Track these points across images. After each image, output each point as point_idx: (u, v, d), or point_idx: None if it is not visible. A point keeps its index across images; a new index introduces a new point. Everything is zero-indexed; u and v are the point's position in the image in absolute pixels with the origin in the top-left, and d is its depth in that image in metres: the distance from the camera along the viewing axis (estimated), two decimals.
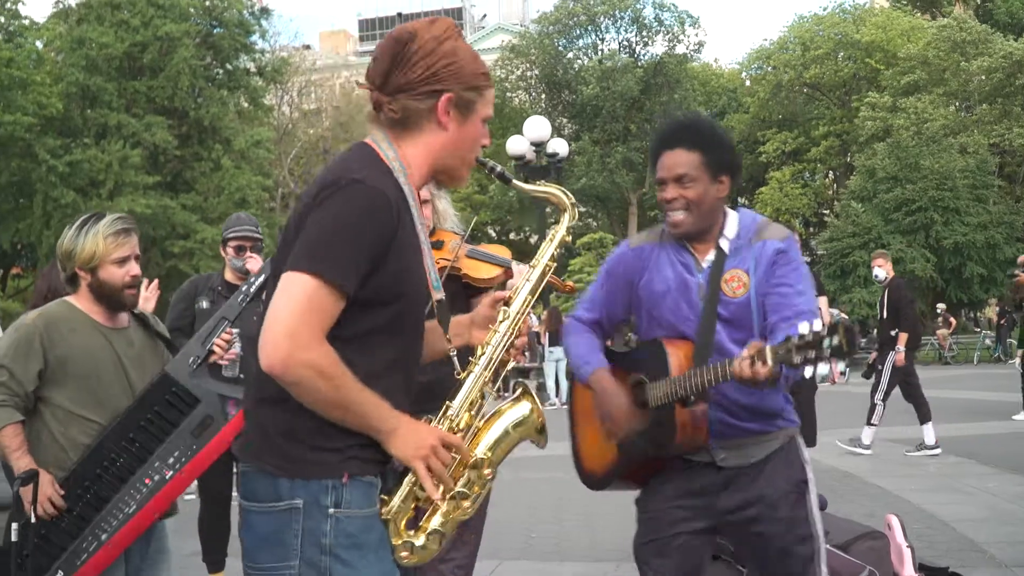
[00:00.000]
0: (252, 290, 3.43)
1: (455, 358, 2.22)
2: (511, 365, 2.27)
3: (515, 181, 2.39)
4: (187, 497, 5.44)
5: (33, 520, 3.01)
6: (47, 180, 31.98)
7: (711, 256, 2.82)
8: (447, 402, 2.14)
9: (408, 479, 2.05)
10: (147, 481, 3.13)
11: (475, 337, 2.32)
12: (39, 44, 34.91)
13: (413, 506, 2.07)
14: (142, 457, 3.13)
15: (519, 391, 2.26)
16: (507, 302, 2.27)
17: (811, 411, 6.66)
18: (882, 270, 10.13)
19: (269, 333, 1.88)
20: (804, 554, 2.78)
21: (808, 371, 2.36)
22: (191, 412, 3.17)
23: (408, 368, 2.09)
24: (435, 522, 2.07)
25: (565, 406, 13.36)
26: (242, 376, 4.65)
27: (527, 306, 2.28)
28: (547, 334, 17.50)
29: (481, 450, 2.15)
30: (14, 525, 3.02)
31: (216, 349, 3.37)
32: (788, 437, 2.84)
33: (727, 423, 2.77)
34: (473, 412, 2.16)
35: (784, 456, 2.81)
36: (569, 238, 2.42)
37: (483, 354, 2.19)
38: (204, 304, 4.80)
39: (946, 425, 11.96)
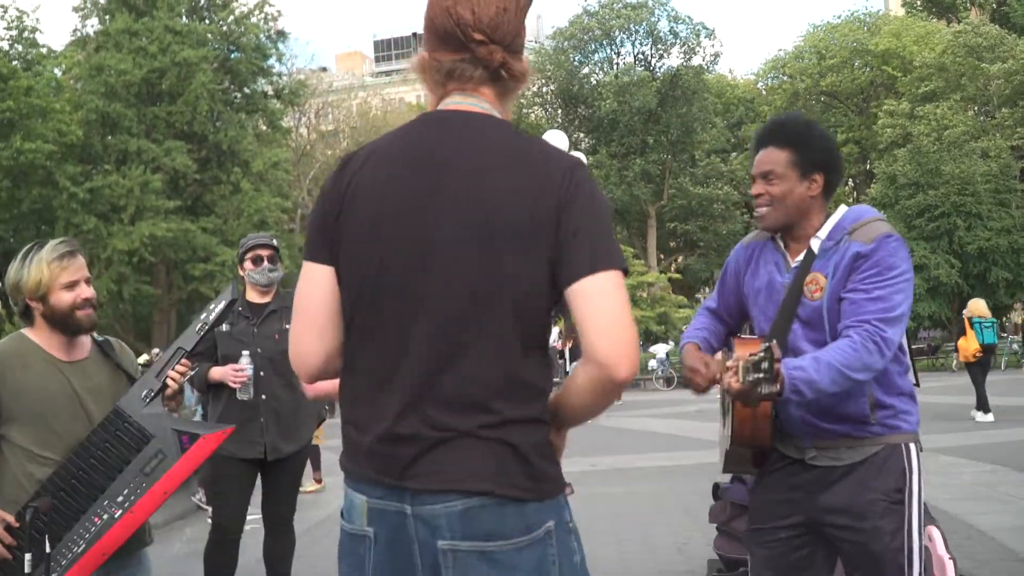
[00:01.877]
0: (211, 318, 3.20)
1: None
2: None
3: None
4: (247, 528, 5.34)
5: None
6: (68, 207, 32.24)
7: (802, 256, 2.82)
8: None
9: None
10: (96, 520, 2.97)
11: None
12: (58, 72, 35.25)
13: None
14: (92, 495, 2.97)
15: None
16: None
17: None
18: None
19: (628, 343, 1.69)
20: (896, 566, 2.71)
21: (765, 389, 2.36)
22: (143, 448, 2.99)
23: None
24: None
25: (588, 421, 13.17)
26: (263, 397, 4.60)
27: None
28: (568, 349, 17.40)
29: None
30: None
31: (169, 382, 3.13)
32: (888, 444, 2.75)
33: (810, 423, 2.76)
34: None
35: (880, 463, 2.73)
36: None
37: None
38: (224, 327, 4.71)
39: (978, 432, 11.80)
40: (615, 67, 44.67)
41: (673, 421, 13.12)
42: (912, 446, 2.77)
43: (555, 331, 23.86)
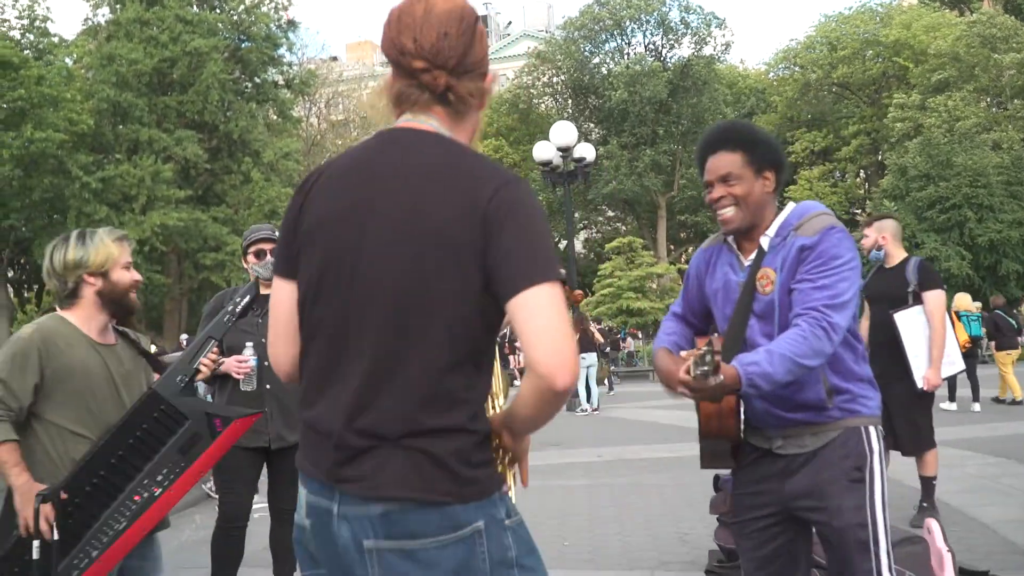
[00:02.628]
0: (238, 310, 3.42)
1: None
2: None
3: None
4: (256, 516, 5.40)
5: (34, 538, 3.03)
6: (80, 196, 32.36)
7: (754, 255, 2.95)
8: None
9: (505, 465, 2.11)
10: (136, 498, 3.11)
11: None
12: (69, 61, 35.32)
13: None
14: (131, 474, 3.12)
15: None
16: None
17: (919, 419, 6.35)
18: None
19: (566, 353, 1.74)
20: (858, 541, 2.81)
21: (712, 381, 2.46)
22: (179, 430, 3.14)
23: None
24: None
25: (596, 411, 13.45)
26: (268, 387, 4.66)
27: None
28: (576, 340, 17.41)
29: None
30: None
31: (203, 368, 3.33)
32: (847, 428, 2.85)
33: (773, 414, 2.89)
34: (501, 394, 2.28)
35: (839, 445, 2.84)
36: None
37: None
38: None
39: (985, 425, 11.80)
40: (626, 57, 44.59)
41: (679, 412, 13.16)
42: (872, 429, 2.89)
43: None
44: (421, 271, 1.81)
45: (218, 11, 37.92)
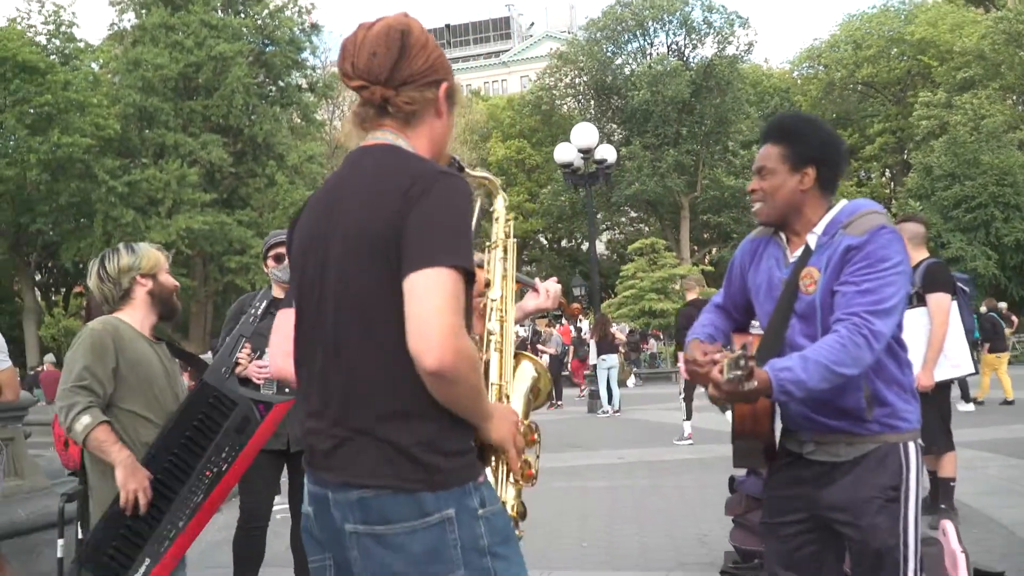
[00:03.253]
0: (259, 312, 3.91)
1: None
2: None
3: (466, 168, 2.47)
4: (278, 517, 5.50)
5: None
6: (107, 200, 32.71)
7: (800, 251, 2.86)
8: (489, 380, 2.26)
9: (492, 467, 2.17)
10: (207, 474, 3.49)
11: (475, 327, 2.47)
12: (95, 66, 35.72)
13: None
14: (198, 453, 3.49)
15: (515, 359, 2.45)
16: (488, 284, 2.40)
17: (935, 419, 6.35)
18: None
19: (432, 334, 1.83)
20: (891, 560, 2.75)
21: (744, 387, 2.41)
22: (231, 413, 3.54)
23: None
24: (510, 499, 2.23)
25: (617, 413, 13.42)
26: (287, 391, 4.74)
27: (511, 283, 2.42)
28: (596, 342, 17.41)
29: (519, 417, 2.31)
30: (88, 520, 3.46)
31: (241, 360, 3.86)
32: (887, 442, 2.78)
33: (808, 417, 2.81)
34: (509, 385, 2.31)
35: (877, 460, 2.76)
36: (510, 216, 2.49)
37: (496, 333, 2.32)
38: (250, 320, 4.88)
39: (1010, 427, 11.74)
40: (648, 57, 44.50)
41: (700, 414, 13.15)
42: (911, 444, 2.79)
43: (585, 322, 23.90)
44: (364, 274, 1.96)
45: (242, 16, 38.26)
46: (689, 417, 12.26)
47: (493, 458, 2.17)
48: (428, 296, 1.85)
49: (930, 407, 6.30)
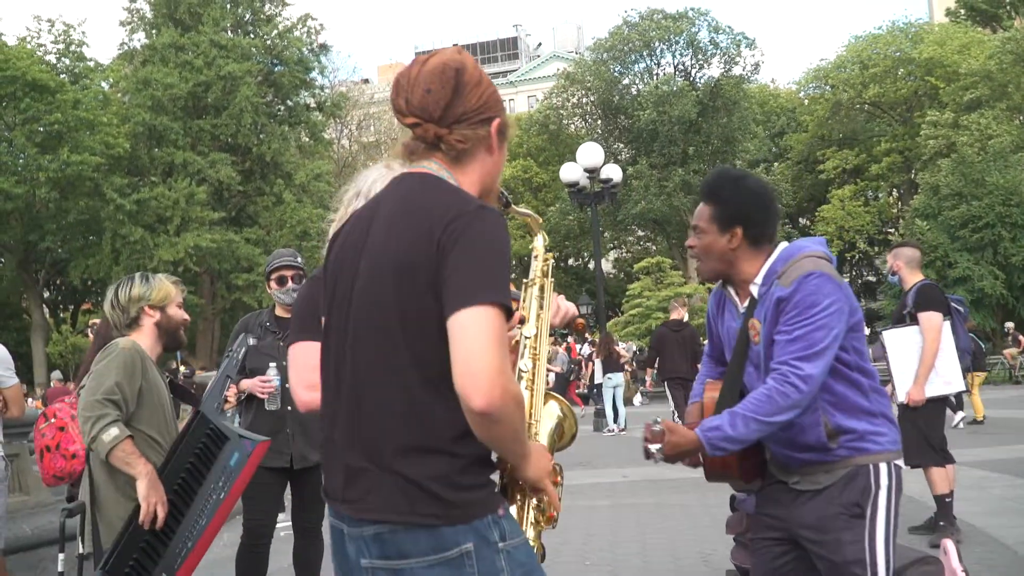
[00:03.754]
0: (239, 356, 4.25)
1: None
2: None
3: (512, 205, 2.48)
4: (282, 534, 5.52)
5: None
6: (115, 218, 32.89)
7: (748, 302, 3.01)
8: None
9: (519, 505, 2.17)
10: (211, 498, 3.60)
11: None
12: (105, 85, 35.98)
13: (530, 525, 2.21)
14: (200, 480, 3.60)
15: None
16: (522, 321, 2.38)
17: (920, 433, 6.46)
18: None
19: (481, 372, 1.80)
20: None
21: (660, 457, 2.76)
22: (224, 446, 3.63)
23: None
24: (530, 539, 2.20)
25: (623, 432, 13.40)
26: (289, 408, 4.78)
27: (547, 321, 2.41)
28: (602, 360, 17.41)
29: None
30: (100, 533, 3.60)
31: (230, 397, 4.16)
32: (857, 465, 2.88)
33: (784, 454, 2.96)
34: (539, 424, 2.29)
35: (844, 482, 2.87)
36: (548, 256, 2.51)
37: (528, 372, 2.30)
38: (251, 340, 4.92)
39: (1016, 446, 11.70)
40: (655, 78, 44.62)
41: None
42: (882, 465, 2.89)
43: (587, 345, 23.91)
44: (388, 300, 1.95)
45: (252, 36, 38.52)
46: None
47: (519, 496, 2.16)
48: (477, 335, 1.83)
49: (907, 422, 6.39)
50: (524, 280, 2.48)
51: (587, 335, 23.30)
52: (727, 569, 5.61)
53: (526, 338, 2.34)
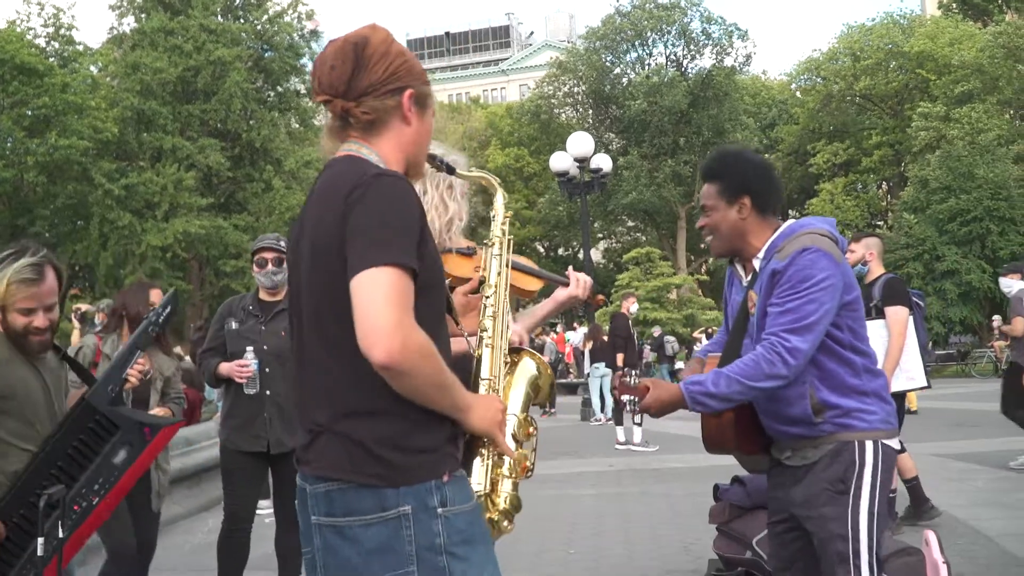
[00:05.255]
0: (161, 320, 3.39)
1: (468, 338, 2.41)
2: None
3: (458, 170, 2.54)
4: (267, 520, 5.50)
5: None
6: (103, 203, 32.72)
7: (750, 277, 3.09)
8: (480, 376, 2.29)
9: (482, 457, 2.20)
10: (76, 508, 3.07)
11: (467, 323, 2.54)
12: (94, 69, 35.75)
13: (489, 482, 2.23)
14: (69, 485, 3.06)
15: (517, 355, 2.49)
16: (482, 281, 2.44)
17: None
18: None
19: (377, 329, 1.88)
20: (837, 552, 2.89)
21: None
22: (111, 439, 3.13)
23: (446, 354, 2.09)
24: (506, 491, 2.27)
25: (610, 421, 13.39)
26: (268, 392, 4.77)
27: (506, 280, 2.44)
28: (590, 350, 17.42)
29: (516, 412, 2.38)
30: None
31: (131, 378, 3.49)
32: (841, 440, 2.93)
33: (774, 428, 3.05)
34: (500, 380, 2.33)
35: (829, 458, 2.93)
36: (508, 214, 2.52)
37: (489, 330, 2.34)
38: (233, 325, 4.92)
39: (1000, 439, 11.76)
40: (646, 68, 44.59)
41: (691, 423, 13.18)
42: (868, 443, 2.94)
43: (580, 331, 23.91)
44: (320, 277, 2.05)
45: (242, 21, 38.30)
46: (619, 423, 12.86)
47: (484, 451, 2.20)
48: (370, 294, 1.91)
49: None
50: (484, 241, 2.50)
51: (576, 325, 23.25)
52: (709, 558, 5.64)
53: (486, 297, 2.38)
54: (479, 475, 2.20)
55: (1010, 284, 9.69)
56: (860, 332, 2.99)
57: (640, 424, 12.61)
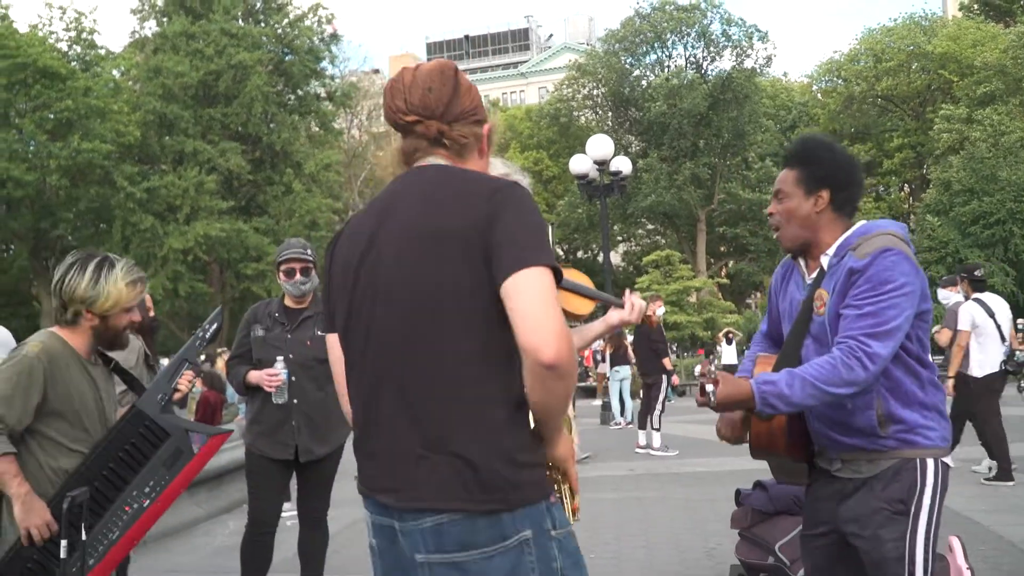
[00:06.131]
0: (207, 336, 3.57)
1: None
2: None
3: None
4: (288, 524, 5.51)
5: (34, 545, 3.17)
6: (125, 206, 32.98)
7: (816, 274, 2.92)
8: None
9: (562, 489, 2.19)
10: (127, 509, 3.27)
11: None
12: (116, 73, 36.04)
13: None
14: (119, 487, 3.27)
15: None
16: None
17: None
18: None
19: (547, 327, 1.80)
20: (894, 575, 2.77)
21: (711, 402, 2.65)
22: (162, 445, 3.32)
23: None
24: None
25: (630, 425, 13.37)
26: (295, 401, 4.77)
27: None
28: (611, 354, 17.39)
29: None
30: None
31: (180, 388, 3.54)
32: (903, 457, 2.79)
33: (829, 436, 2.87)
34: None
35: (890, 476, 2.79)
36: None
37: None
38: (259, 332, 4.90)
39: (1019, 444, 11.64)
40: (666, 70, 44.48)
41: (711, 427, 13.16)
42: (929, 461, 2.78)
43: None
44: (429, 270, 1.93)
45: (263, 25, 38.54)
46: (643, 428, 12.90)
47: (555, 485, 2.17)
48: (537, 294, 1.84)
49: None
50: None
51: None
52: (731, 564, 5.60)
53: None
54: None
55: (948, 296, 9.82)
56: (926, 343, 2.84)
57: (659, 429, 12.58)
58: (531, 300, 1.83)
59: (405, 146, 2.14)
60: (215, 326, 3.62)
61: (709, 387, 2.64)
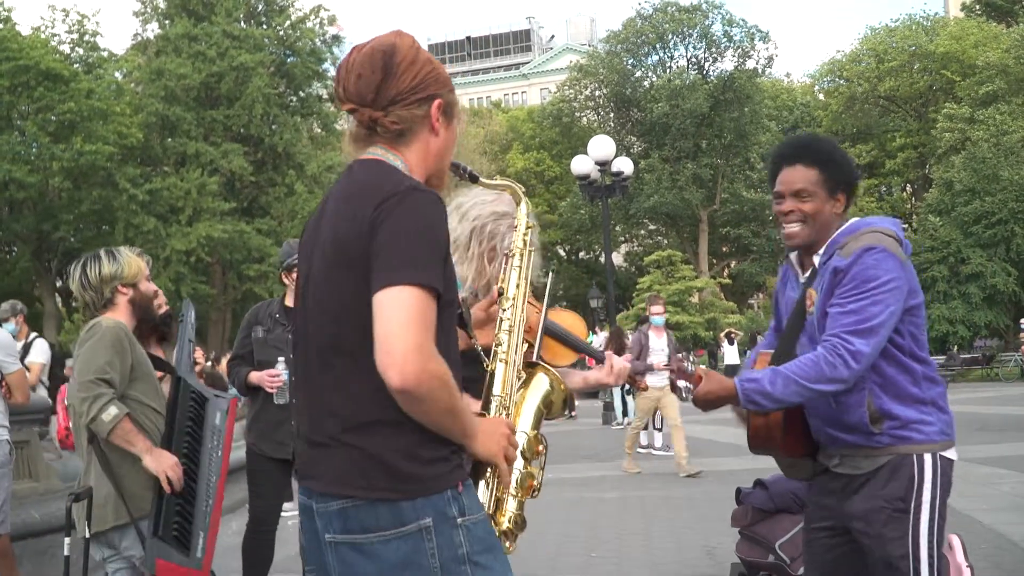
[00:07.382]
0: (191, 321, 3.93)
1: (482, 352, 2.36)
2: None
3: (481, 179, 2.47)
4: (290, 523, 5.53)
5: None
6: (128, 208, 32.99)
7: (809, 273, 2.95)
8: (492, 392, 2.24)
9: (486, 480, 2.16)
10: (214, 456, 3.69)
11: (484, 337, 2.46)
12: (119, 75, 36.08)
13: (494, 500, 2.19)
14: (199, 441, 3.68)
15: (531, 369, 2.41)
16: (500, 293, 2.39)
17: None
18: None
19: (396, 351, 1.83)
20: (896, 572, 2.79)
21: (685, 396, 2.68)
22: (206, 407, 3.71)
23: (456, 369, 2.03)
24: (510, 511, 2.23)
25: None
26: (295, 402, 4.78)
27: (524, 293, 2.38)
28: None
29: (527, 429, 2.33)
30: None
31: (199, 360, 3.88)
32: (899, 453, 2.80)
33: (826, 433, 2.90)
34: (511, 397, 2.27)
35: (889, 472, 2.80)
36: (531, 224, 2.48)
37: (504, 344, 2.29)
38: (260, 333, 4.94)
39: (1022, 443, 11.67)
40: (668, 71, 44.49)
41: (712, 427, 13.18)
42: (927, 456, 2.80)
43: (602, 335, 23.84)
44: (339, 285, 1.99)
45: (265, 27, 38.57)
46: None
47: (488, 474, 2.15)
48: (394, 314, 1.85)
49: None
50: (505, 252, 2.47)
51: (596, 329, 23.21)
52: (732, 562, 5.62)
53: (503, 311, 2.33)
54: (483, 496, 2.14)
55: None
56: (921, 339, 2.85)
57: (660, 429, 12.60)
58: (386, 322, 1.86)
59: (351, 132, 2.18)
60: (191, 311, 3.98)
61: (681, 383, 2.74)
